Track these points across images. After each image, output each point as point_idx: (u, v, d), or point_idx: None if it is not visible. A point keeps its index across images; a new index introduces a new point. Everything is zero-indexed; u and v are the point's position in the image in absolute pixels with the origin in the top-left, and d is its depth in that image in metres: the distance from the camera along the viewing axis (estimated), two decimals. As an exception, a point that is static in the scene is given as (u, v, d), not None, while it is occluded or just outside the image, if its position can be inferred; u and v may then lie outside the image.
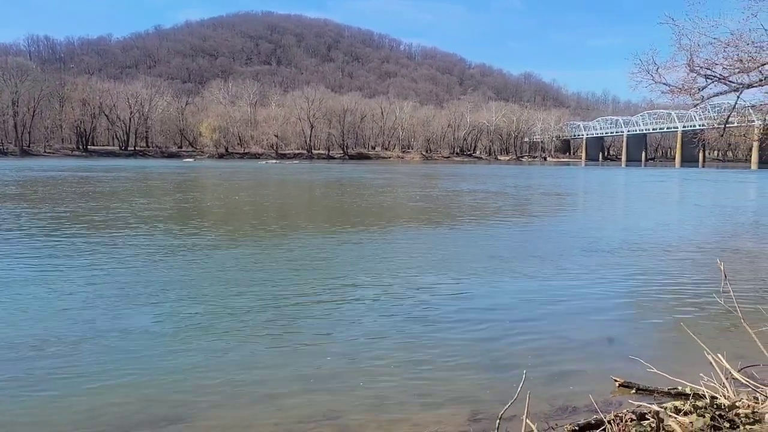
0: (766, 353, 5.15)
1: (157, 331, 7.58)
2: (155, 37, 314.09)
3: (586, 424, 4.48)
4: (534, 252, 14.23)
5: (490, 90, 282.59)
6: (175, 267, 11.69)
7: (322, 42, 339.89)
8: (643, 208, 29.63)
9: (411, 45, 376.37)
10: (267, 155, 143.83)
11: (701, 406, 4.22)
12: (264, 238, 15.88)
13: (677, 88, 13.24)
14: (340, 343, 7.24)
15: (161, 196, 30.94)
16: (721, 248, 15.25)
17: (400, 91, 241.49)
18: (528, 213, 24.90)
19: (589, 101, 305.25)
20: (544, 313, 8.76)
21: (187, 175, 57.00)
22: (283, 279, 10.68)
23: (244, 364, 6.51)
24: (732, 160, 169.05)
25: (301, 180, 51.81)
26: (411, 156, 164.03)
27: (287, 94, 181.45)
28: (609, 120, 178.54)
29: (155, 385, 5.94)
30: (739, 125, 16.37)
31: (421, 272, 11.49)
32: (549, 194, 37.89)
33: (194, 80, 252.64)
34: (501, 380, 6.06)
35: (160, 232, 16.68)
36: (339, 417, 5.30)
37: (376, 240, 15.90)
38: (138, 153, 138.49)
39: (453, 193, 36.48)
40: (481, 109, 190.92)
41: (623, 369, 6.23)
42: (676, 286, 10.69)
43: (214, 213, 23.65)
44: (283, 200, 31.55)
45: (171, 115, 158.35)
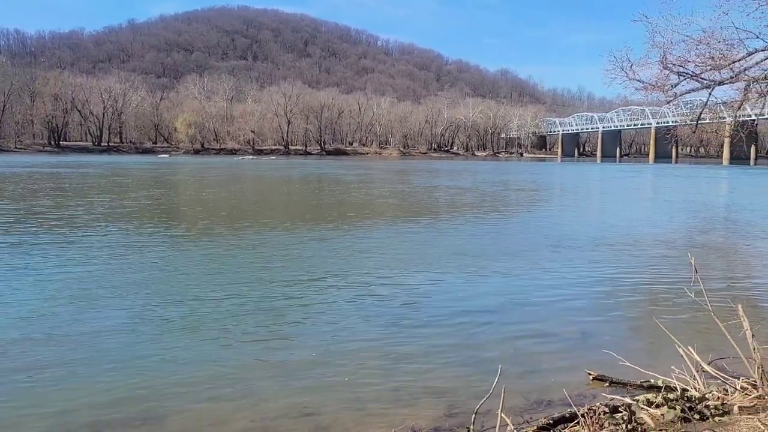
0: (735, 346, 5.24)
1: (127, 330, 7.47)
2: (129, 31, 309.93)
3: (560, 418, 4.52)
4: (509, 248, 14.32)
5: (467, 86, 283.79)
6: (142, 265, 11.53)
7: (299, 37, 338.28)
8: (616, 203, 30.01)
9: (388, 41, 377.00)
10: (243, 151, 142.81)
11: (672, 398, 4.29)
12: (236, 236, 15.73)
13: (651, 85, 13.39)
14: (315, 340, 7.21)
15: (125, 192, 30.48)
16: (693, 243, 15.51)
17: (378, 86, 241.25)
18: (503, 209, 25.06)
19: (565, 97, 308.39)
20: (519, 309, 8.83)
21: (159, 171, 56.31)
22: (256, 276, 10.61)
23: (217, 362, 6.45)
24: (704, 156, 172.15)
25: (275, 176, 51.51)
26: (388, 152, 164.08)
27: (264, 89, 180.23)
28: (584, 116, 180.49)
29: (127, 384, 5.85)
30: (710, 122, 16.60)
31: (397, 269, 11.49)
32: (525, 190, 38.19)
33: (169, 75, 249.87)
34: (477, 375, 6.09)
35: (121, 230, 16.45)
36: (315, 413, 5.28)
37: (349, 237, 15.87)
38: (112, 149, 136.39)
39: (429, 189, 36.57)
40: (459, 105, 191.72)
41: (597, 363, 6.30)
42: (649, 280, 10.84)
43: (183, 211, 23.39)
44: (257, 197, 31.35)
45: (145, 111, 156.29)
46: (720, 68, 12.33)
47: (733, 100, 13.76)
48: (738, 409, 4.32)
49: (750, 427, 3.52)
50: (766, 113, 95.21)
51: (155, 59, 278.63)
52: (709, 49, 12.35)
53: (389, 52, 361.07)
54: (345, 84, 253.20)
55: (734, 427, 3.59)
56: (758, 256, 13.86)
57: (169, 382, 5.90)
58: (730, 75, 12.35)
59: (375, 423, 5.11)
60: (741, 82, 12.43)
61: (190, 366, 6.31)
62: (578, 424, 4.31)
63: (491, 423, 4.53)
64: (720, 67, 12.30)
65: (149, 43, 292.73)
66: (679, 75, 12.97)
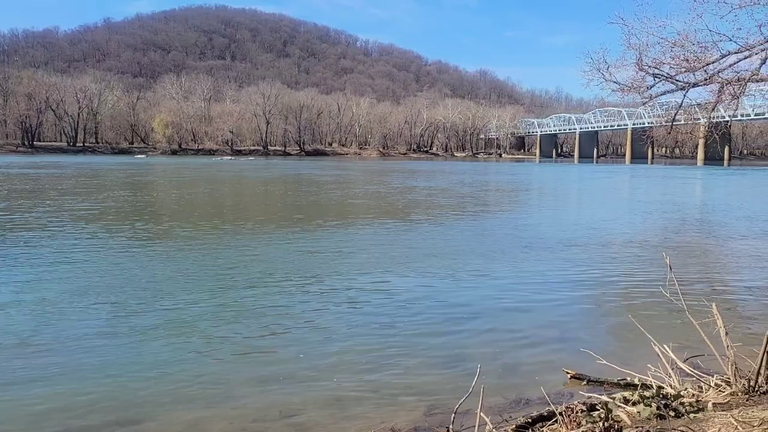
0: (709, 344, 5.32)
1: (101, 334, 7.36)
2: (104, 30, 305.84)
3: (539, 416, 4.55)
4: (487, 249, 14.40)
5: (447, 87, 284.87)
6: (112, 269, 11.38)
7: (278, 37, 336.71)
8: (593, 204, 30.34)
9: (367, 41, 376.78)
10: (222, 151, 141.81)
11: (648, 396, 4.34)
12: (212, 239, 15.60)
13: (627, 87, 13.56)
14: (294, 342, 7.18)
15: (91, 194, 30.11)
16: (668, 243, 15.72)
17: (357, 87, 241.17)
18: (481, 210, 25.18)
19: (543, 98, 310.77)
20: (498, 308, 8.88)
21: (131, 172, 55.66)
22: (233, 279, 10.54)
23: (196, 365, 6.39)
24: (679, 157, 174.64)
25: (251, 177, 51.21)
26: (368, 152, 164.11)
27: (242, 89, 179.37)
28: (562, 117, 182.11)
29: (102, 389, 5.76)
30: (685, 123, 16.86)
31: (375, 270, 11.49)
32: (503, 191, 38.44)
33: (145, 75, 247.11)
34: (456, 375, 6.11)
35: (90, 234, 16.24)
36: (295, 415, 5.25)
37: (327, 238, 15.84)
38: (87, 149, 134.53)
39: (408, 190, 36.63)
40: (438, 106, 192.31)
41: (575, 361, 6.36)
42: (626, 280, 10.97)
43: (157, 213, 23.16)
44: (232, 199, 31.14)
45: (121, 111, 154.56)
46: (694, 70, 12.52)
47: (707, 101, 13.97)
48: (712, 405, 4.39)
49: (723, 423, 3.57)
50: (739, 115, 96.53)
51: (131, 59, 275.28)
52: (684, 52, 12.54)
53: (368, 52, 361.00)
54: (324, 84, 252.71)
55: (708, 424, 3.65)
56: (731, 256, 14.10)
57: (146, 386, 5.83)
58: (704, 77, 12.55)
59: (355, 424, 5.09)
60: (715, 84, 12.63)
61: (167, 369, 6.24)
62: (556, 423, 4.34)
63: (471, 422, 4.55)
64: (694, 69, 12.50)
65: (125, 43, 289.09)
66: (655, 76, 13.15)
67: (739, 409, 4.06)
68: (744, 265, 12.70)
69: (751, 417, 3.64)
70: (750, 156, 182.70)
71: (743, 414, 3.78)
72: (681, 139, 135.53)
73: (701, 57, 12.36)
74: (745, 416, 3.69)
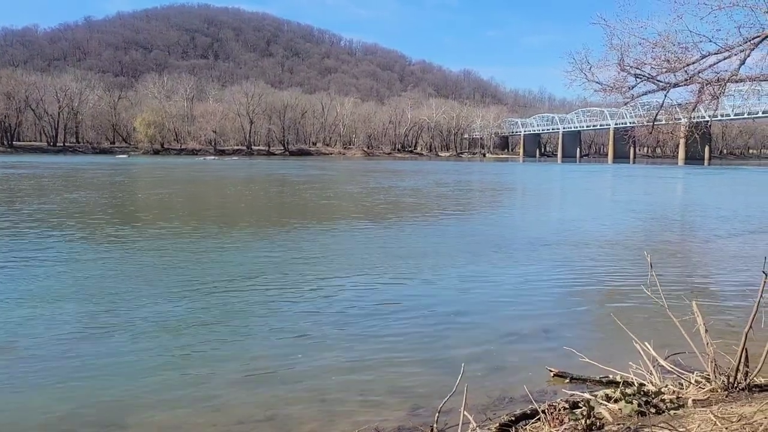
0: (690, 341, 5.39)
1: (82, 336, 7.28)
2: (85, 29, 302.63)
3: (522, 414, 4.58)
4: (470, 248, 14.44)
5: (431, 86, 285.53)
6: (91, 271, 11.27)
7: (261, 36, 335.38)
8: (575, 203, 30.57)
9: (351, 41, 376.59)
10: (205, 151, 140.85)
11: (630, 393, 4.38)
12: (192, 239, 15.51)
13: (609, 87, 13.70)
14: (278, 342, 7.15)
15: (63, 193, 29.80)
16: (649, 242, 15.89)
17: (341, 87, 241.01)
18: (464, 210, 25.27)
19: (527, 98, 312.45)
20: (481, 307, 8.91)
21: (110, 172, 55.14)
22: (217, 278, 10.47)
23: (179, 366, 6.34)
24: (660, 156, 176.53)
25: (230, 177, 50.95)
26: (352, 152, 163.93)
27: (225, 88, 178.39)
28: (545, 117, 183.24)
29: (83, 392, 5.70)
30: (666, 123, 17.06)
31: (358, 270, 11.48)
32: (486, 191, 38.60)
33: (127, 74, 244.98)
34: (440, 374, 6.12)
35: (65, 235, 16.08)
36: (279, 416, 5.23)
37: (311, 238, 15.80)
38: (68, 149, 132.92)
39: (392, 189, 36.64)
40: (422, 106, 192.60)
41: (558, 360, 6.40)
42: (607, 278, 11.07)
43: (135, 213, 22.98)
44: (212, 200, 30.96)
45: (103, 110, 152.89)
46: (675, 70, 12.68)
47: (687, 101, 14.15)
48: (692, 402, 4.44)
49: (703, 420, 3.62)
50: (719, 115, 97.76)
51: (113, 57, 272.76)
52: (665, 52, 12.69)
53: (352, 52, 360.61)
54: (308, 84, 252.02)
55: (688, 420, 3.69)
56: (711, 254, 14.28)
57: (128, 389, 5.77)
58: (685, 77, 12.71)
59: (340, 424, 5.09)
60: (695, 84, 12.79)
61: (149, 371, 6.18)
62: (539, 420, 4.37)
63: (454, 421, 4.56)
64: (675, 70, 12.65)
65: (106, 41, 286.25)
66: (636, 77, 13.30)
67: (718, 406, 4.11)
68: (723, 264, 12.86)
69: (730, 413, 3.69)
70: (729, 155, 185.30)
71: (722, 410, 3.84)
72: (662, 139, 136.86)
73: (682, 58, 12.52)
74: (724, 412, 3.74)
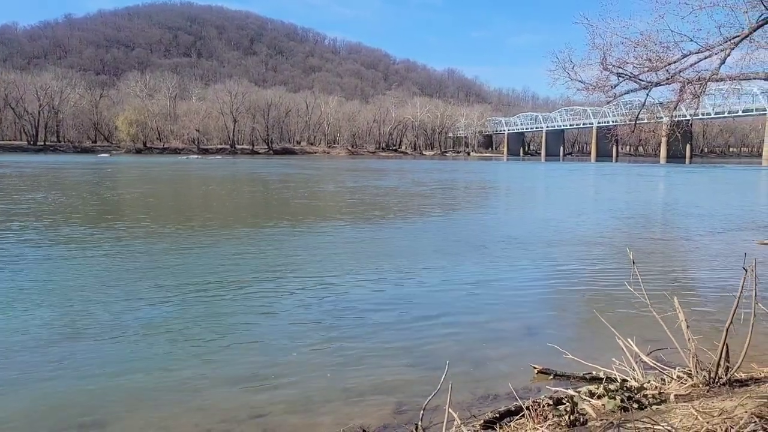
0: (671, 337, 5.44)
1: (63, 335, 7.19)
2: (65, 27, 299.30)
3: (506, 411, 4.59)
4: (453, 246, 14.47)
5: (415, 85, 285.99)
6: (73, 268, 11.15)
7: (245, 35, 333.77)
8: (558, 201, 30.75)
9: (335, 39, 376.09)
10: (188, 150, 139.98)
11: (613, 389, 4.41)
12: (173, 238, 15.40)
13: (592, 86, 13.80)
14: (261, 341, 7.12)
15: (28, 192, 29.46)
16: (632, 239, 16.03)
17: (325, 85, 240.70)
18: (448, 208, 25.33)
19: (510, 97, 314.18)
20: (466, 305, 8.93)
21: (85, 170, 54.58)
22: (200, 276, 10.40)
23: (161, 365, 6.28)
24: (643, 155, 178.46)
25: (207, 176, 50.67)
26: (337, 151, 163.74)
27: (209, 87, 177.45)
28: (529, 116, 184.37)
29: (64, 390, 5.63)
30: (648, 122, 17.24)
31: (342, 268, 11.45)
32: (470, 189, 38.74)
33: (109, 72, 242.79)
34: (425, 372, 6.12)
35: (42, 233, 15.89)
36: (263, 415, 5.20)
37: (294, 236, 15.75)
38: (48, 148, 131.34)
39: (376, 188, 36.64)
40: (406, 105, 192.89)
41: (542, 357, 6.43)
42: (591, 275, 11.14)
43: (115, 212, 22.78)
44: (192, 199, 30.77)
45: (84, 108, 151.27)
46: (657, 70, 12.80)
47: (669, 100, 14.30)
48: (674, 397, 4.49)
49: (685, 414, 3.66)
50: (700, 113, 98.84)
51: (94, 56, 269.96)
52: (647, 51, 12.81)
53: (336, 50, 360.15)
54: (292, 83, 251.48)
55: (670, 415, 3.73)
56: (692, 251, 14.44)
57: (110, 387, 5.70)
58: (666, 76, 12.83)
59: (324, 423, 5.07)
60: (676, 83, 12.93)
61: (131, 371, 6.12)
62: (523, 417, 4.39)
63: (439, 418, 4.56)
64: (657, 69, 12.77)
65: (87, 39, 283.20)
66: (619, 76, 13.41)
67: (699, 400, 4.15)
68: (704, 261, 13.01)
69: (711, 407, 3.73)
70: (710, 154, 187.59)
71: (703, 405, 3.88)
72: (644, 138, 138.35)
73: (663, 57, 12.65)
74: (705, 407, 3.78)
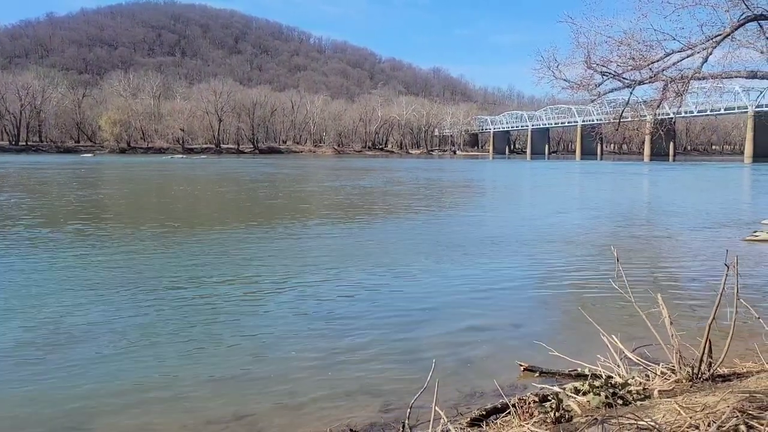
0: (655, 333, 5.49)
1: (44, 337, 7.12)
2: (47, 25, 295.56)
3: (492, 409, 4.61)
4: (439, 245, 14.51)
5: (401, 84, 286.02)
6: (55, 269, 11.04)
7: (229, 33, 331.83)
8: (543, 200, 30.92)
9: (321, 38, 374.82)
10: (173, 150, 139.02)
11: (598, 385, 4.44)
12: (156, 238, 15.29)
13: (576, 84, 13.88)
14: (247, 341, 7.09)
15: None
16: (616, 236, 16.15)
17: (311, 84, 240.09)
18: (434, 207, 25.38)
19: (496, 96, 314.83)
20: (452, 304, 8.94)
21: (59, 170, 54.04)
22: (184, 277, 10.34)
23: (146, 367, 6.23)
24: (627, 153, 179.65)
25: (185, 176, 50.37)
26: (323, 150, 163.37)
27: (193, 86, 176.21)
28: (514, 114, 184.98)
29: (49, 392, 5.57)
30: (632, 120, 17.36)
31: (328, 267, 11.44)
32: (456, 187, 38.83)
33: (92, 71, 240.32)
34: (411, 370, 6.13)
35: (22, 235, 15.73)
36: (249, 416, 5.18)
37: (279, 236, 15.70)
38: (30, 148, 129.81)
39: (361, 188, 36.62)
40: (392, 104, 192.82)
41: (528, 354, 6.46)
42: (575, 273, 11.21)
43: (98, 213, 22.59)
44: (173, 200, 30.59)
45: (67, 108, 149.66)
46: (640, 68, 12.90)
47: (652, 99, 14.41)
48: (658, 393, 4.53)
49: (668, 410, 3.69)
50: (683, 111, 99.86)
51: (76, 55, 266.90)
52: (630, 50, 12.91)
53: (322, 49, 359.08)
54: (278, 82, 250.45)
55: (654, 410, 3.76)
56: (675, 248, 14.58)
57: (95, 389, 5.65)
58: (650, 75, 12.93)
59: (311, 422, 5.06)
60: (659, 82, 13.03)
61: (115, 373, 6.06)
62: (509, 414, 4.41)
63: (426, 417, 4.57)
64: (640, 68, 12.87)
65: (70, 38, 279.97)
66: (603, 75, 13.50)
67: (683, 396, 4.20)
68: (687, 258, 13.14)
69: (694, 403, 3.77)
70: (693, 151, 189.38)
71: (687, 400, 3.92)
72: (628, 136, 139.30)
73: (646, 56, 12.74)
74: (688, 402, 3.82)
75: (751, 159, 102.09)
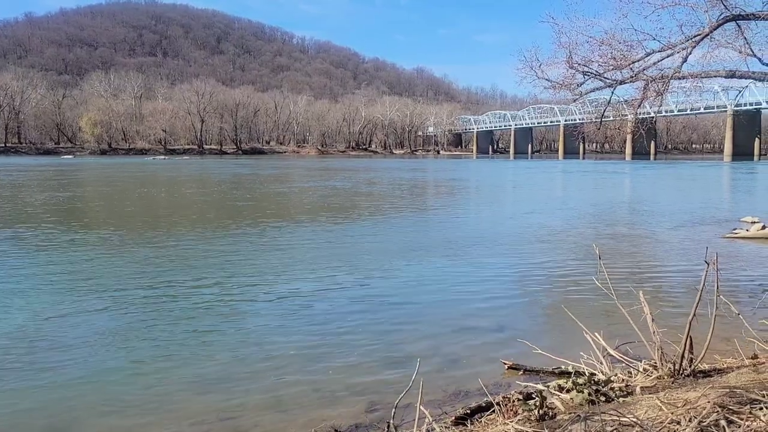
0: (637, 330, 5.54)
1: (27, 339, 7.02)
2: (26, 25, 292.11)
3: (477, 407, 4.63)
4: (422, 244, 14.53)
5: (384, 84, 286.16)
6: (38, 271, 10.90)
7: (211, 33, 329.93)
8: (526, 199, 31.09)
9: (304, 38, 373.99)
10: (155, 151, 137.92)
11: (581, 382, 4.47)
12: (139, 240, 15.16)
13: (558, 84, 13.93)
14: (231, 343, 7.04)
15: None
16: (598, 234, 16.28)
17: (294, 85, 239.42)
18: (418, 207, 25.43)
19: (479, 96, 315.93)
20: (436, 303, 8.97)
21: (28, 173, 53.39)
22: (168, 279, 10.25)
23: (128, 369, 6.17)
24: (609, 152, 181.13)
25: (163, 176, 49.99)
26: (307, 150, 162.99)
27: (175, 87, 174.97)
28: (498, 114, 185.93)
29: (30, 396, 5.49)
30: (614, 119, 17.48)
31: (312, 268, 11.41)
32: (441, 187, 38.91)
33: (71, 72, 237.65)
34: (396, 370, 6.13)
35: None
36: (233, 418, 5.15)
37: (263, 238, 15.63)
38: (9, 150, 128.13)
39: (348, 187, 36.58)
40: (376, 104, 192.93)
41: (512, 352, 6.50)
42: (558, 271, 11.29)
43: (81, 214, 22.35)
44: (154, 202, 30.35)
45: (46, 109, 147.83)
46: (621, 68, 12.99)
47: (633, 98, 14.52)
48: (640, 389, 4.57)
49: (650, 406, 3.73)
50: (664, 111, 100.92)
51: (56, 55, 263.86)
52: (611, 50, 13.00)
53: (305, 49, 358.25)
54: (260, 82, 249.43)
55: (636, 407, 3.80)
56: (657, 246, 14.73)
57: (77, 393, 5.58)
58: (631, 74, 13.03)
59: (296, 424, 5.04)
60: (640, 81, 13.13)
61: (98, 376, 6.00)
62: (494, 413, 4.43)
63: (411, 416, 4.57)
64: (621, 67, 12.96)
65: (49, 38, 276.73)
66: (584, 74, 13.57)
67: (665, 392, 4.24)
68: (668, 255, 13.28)
69: (676, 398, 3.81)
70: (674, 150, 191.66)
71: (668, 396, 3.96)
72: (610, 135, 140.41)
73: (627, 55, 12.84)
74: (670, 398, 3.86)
75: (730, 157, 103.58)
